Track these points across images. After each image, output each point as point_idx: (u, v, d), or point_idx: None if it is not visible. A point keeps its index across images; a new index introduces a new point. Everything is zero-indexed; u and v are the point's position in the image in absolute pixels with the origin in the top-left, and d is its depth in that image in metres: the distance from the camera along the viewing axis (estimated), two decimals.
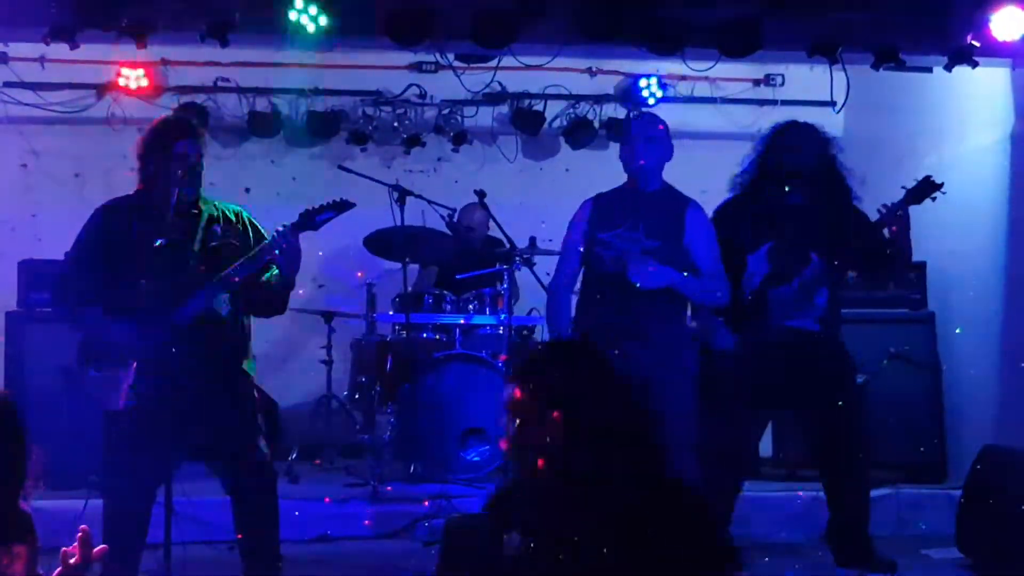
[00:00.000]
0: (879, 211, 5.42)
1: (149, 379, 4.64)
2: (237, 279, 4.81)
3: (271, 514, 5.07)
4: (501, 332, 7.22)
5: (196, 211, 4.94)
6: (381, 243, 7.41)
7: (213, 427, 4.88)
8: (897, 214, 5.35)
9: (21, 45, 7.66)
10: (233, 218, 5.05)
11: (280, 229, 4.81)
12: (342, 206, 4.87)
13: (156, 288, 4.67)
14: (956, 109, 7.54)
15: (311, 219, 4.85)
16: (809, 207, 5.51)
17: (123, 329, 4.77)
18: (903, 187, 5.36)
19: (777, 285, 5.46)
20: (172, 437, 4.60)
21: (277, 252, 4.78)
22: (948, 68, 6.63)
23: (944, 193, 5.36)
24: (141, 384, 4.61)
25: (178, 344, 4.65)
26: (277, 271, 4.86)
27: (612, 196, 5.45)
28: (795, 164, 5.51)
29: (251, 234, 5.04)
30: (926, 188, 5.36)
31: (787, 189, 5.52)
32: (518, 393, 3.02)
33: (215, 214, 4.99)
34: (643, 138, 5.36)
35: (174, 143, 4.87)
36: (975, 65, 6.56)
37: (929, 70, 7.03)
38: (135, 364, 4.64)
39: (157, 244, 4.64)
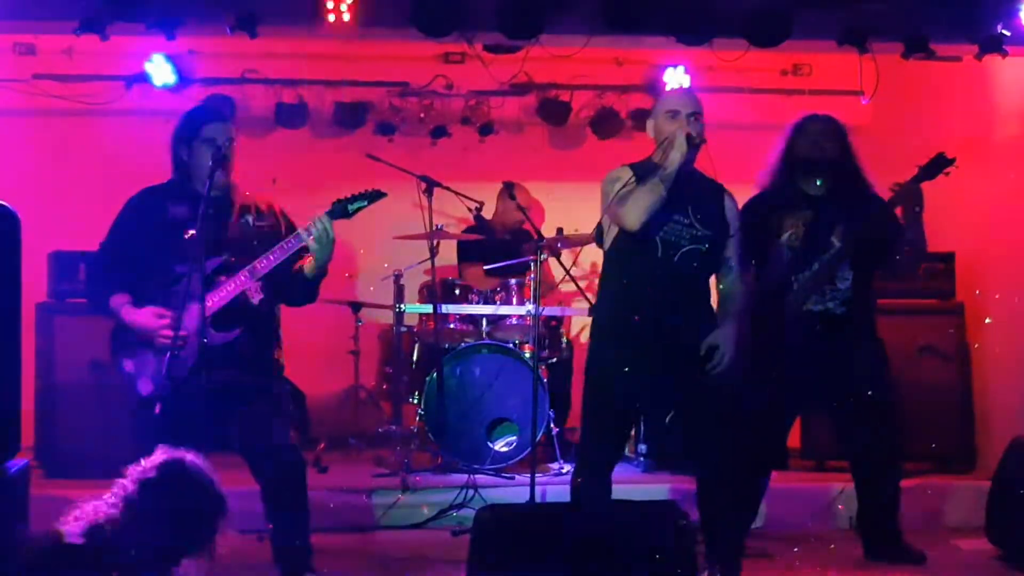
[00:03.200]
0: (892, 189, 5.42)
1: (182, 365, 4.68)
2: (270, 267, 4.87)
3: (300, 505, 5.08)
4: (529, 322, 7.22)
5: (229, 199, 4.98)
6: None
7: (243, 415, 4.91)
8: (910, 192, 5.35)
9: (48, 36, 7.69)
10: (264, 208, 5.13)
11: (316, 217, 4.86)
12: (374, 196, 4.98)
13: (189, 275, 4.68)
14: (986, 99, 7.49)
15: (344, 208, 4.95)
16: (830, 196, 5.50)
17: (151, 319, 4.84)
18: (917, 165, 5.35)
19: (799, 271, 5.45)
20: (203, 424, 4.61)
21: (313, 240, 4.84)
22: (978, 57, 6.60)
23: (957, 168, 5.33)
24: (174, 370, 4.65)
25: (210, 331, 4.73)
26: (313, 260, 4.92)
27: (647, 172, 4.96)
28: (816, 157, 5.51)
29: (283, 224, 5.10)
30: (939, 164, 5.35)
31: (810, 181, 5.51)
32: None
33: (247, 203, 5.04)
34: (691, 114, 4.95)
35: (203, 128, 4.97)
36: (1005, 54, 6.52)
37: (959, 59, 6.99)
38: (168, 352, 4.67)
39: (189, 235, 4.69)
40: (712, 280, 5.15)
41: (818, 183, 5.51)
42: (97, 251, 5.12)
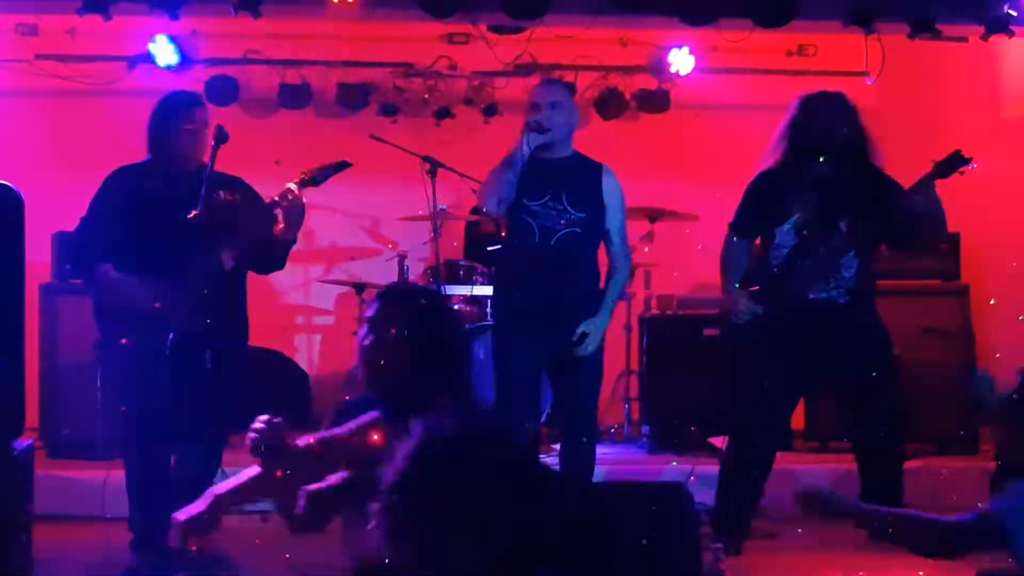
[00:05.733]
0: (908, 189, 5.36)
1: (155, 329, 4.86)
2: (242, 234, 5.13)
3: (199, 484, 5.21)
4: None
5: (201, 174, 5.12)
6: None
7: (207, 378, 5.11)
8: (923, 188, 5.29)
9: (51, 16, 7.67)
10: (232, 183, 5.36)
11: (288, 186, 5.10)
12: (341, 165, 5.28)
13: (167, 244, 4.99)
14: (992, 79, 7.48)
15: (312, 177, 5.21)
16: (840, 178, 5.43)
17: (133, 284, 5.06)
18: (932, 160, 5.30)
19: (804, 257, 5.40)
20: (172, 373, 4.85)
21: (284, 207, 5.10)
22: (984, 38, 6.58)
23: (975, 167, 5.29)
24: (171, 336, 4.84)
25: (186, 294, 4.96)
26: (283, 227, 5.16)
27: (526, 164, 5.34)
28: (827, 137, 5.42)
29: (252, 197, 5.37)
30: (955, 162, 5.28)
31: (820, 161, 5.44)
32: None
33: (217, 178, 5.21)
34: (549, 104, 5.31)
35: (183, 114, 5.24)
36: (1012, 35, 6.50)
37: (965, 40, 6.97)
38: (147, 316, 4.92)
39: (192, 215, 4.80)
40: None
41: (825, 166, 5.43)
42: (79, 225, 5.35)
